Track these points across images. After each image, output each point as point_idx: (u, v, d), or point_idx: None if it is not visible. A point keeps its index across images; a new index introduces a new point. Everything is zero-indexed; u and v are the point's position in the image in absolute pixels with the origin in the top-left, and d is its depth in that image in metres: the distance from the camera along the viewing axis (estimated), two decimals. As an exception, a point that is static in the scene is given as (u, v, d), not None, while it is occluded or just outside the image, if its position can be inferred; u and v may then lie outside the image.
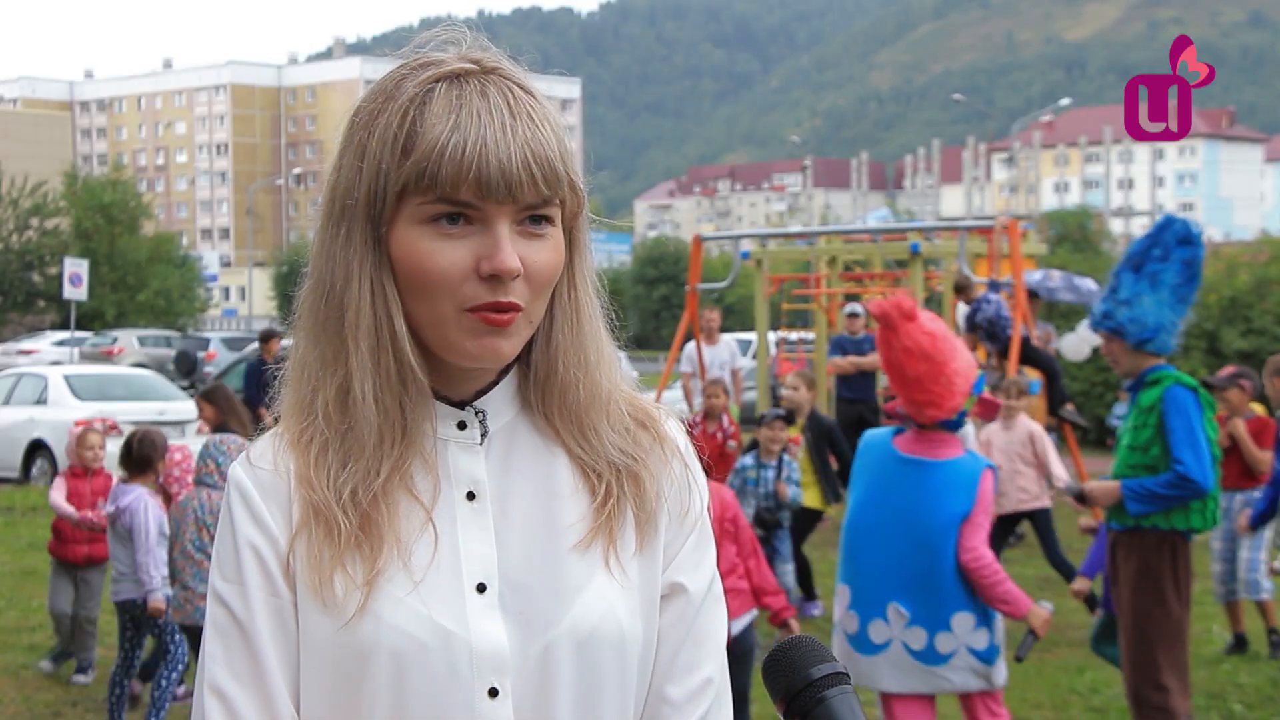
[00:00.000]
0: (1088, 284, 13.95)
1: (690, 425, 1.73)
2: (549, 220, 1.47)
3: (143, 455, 6.51)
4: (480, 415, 1.53)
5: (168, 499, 6.88)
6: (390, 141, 1.45)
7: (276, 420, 1.56)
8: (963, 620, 4.74)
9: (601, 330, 1.57)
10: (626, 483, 1.54)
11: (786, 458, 8.51)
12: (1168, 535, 5.51)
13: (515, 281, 1.44)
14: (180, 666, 6.54)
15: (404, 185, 1.44)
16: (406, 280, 1.46)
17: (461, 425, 1.53)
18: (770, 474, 8.39)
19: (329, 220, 1.50)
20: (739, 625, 5.73)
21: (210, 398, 8.09)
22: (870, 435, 5.06)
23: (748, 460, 8.50)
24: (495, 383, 1.54)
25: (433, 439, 1.51)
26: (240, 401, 8.14)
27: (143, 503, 6.46)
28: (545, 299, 1.50)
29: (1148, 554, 5.50)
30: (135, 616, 6.56)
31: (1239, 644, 8.25)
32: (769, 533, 8.43)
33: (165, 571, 6.49)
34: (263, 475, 1.51)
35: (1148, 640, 5.49)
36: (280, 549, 1.48)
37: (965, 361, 4.87)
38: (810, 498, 9.19)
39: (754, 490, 8.39)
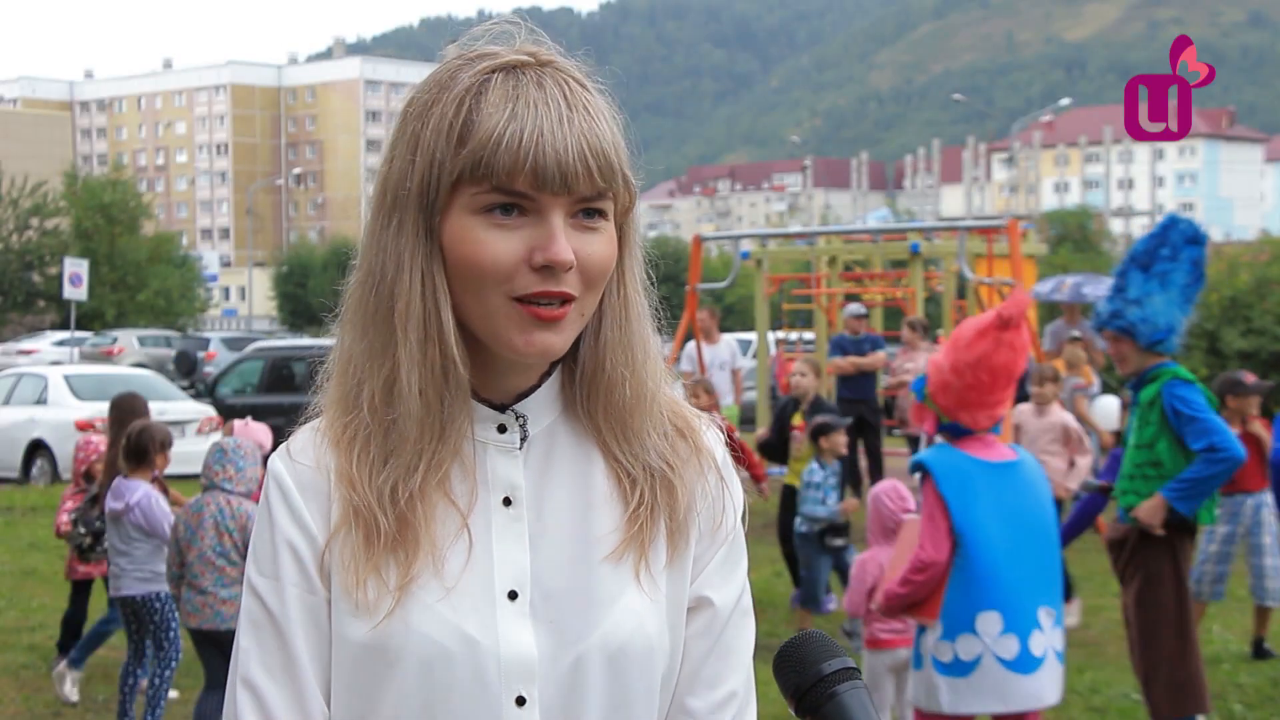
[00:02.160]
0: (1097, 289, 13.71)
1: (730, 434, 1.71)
2: (602, 214, 1.46)
3: (140, 447, 6.48)
4: (521, 420, 1.52)
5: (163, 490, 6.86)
6: (445, 131, 1.43)
7: (318, 414, 1.55)
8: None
9: (649, 329, 1.55)
10: (660, 490, 1.52)
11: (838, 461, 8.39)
12: (1162, 539, 5.43)
13: (568, 274, 1.43)
14: (174, 663, 6.53)
15: (459, 175, 1.42)
16: (457, 270, 1.44)
17: (501, 429, 1.51)
18: (836, 479, 8.19)
19: (380, 212, 1.49)
20: None
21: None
22: (939, 456, 4.69)
23: (818, 472, 8.13)
24: (538, 385, 1.53)
25: (471, 441, 1.50)
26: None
27: (152, 498, 6.46)
28: (597, 293, 1.48)
29: (1148, 557, 5.45)
30: (136, 611, 6.56)
31: (1259, 650, 8.00)
32: (846, 539, 8.18)
33: (162, 569, 6.49)
34: (303, 472, 1.51)
35: (1154, 640, 5.45)
36: (317, 547, 1.48)
37: None
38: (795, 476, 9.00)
39: (833, 501, 8.11)
